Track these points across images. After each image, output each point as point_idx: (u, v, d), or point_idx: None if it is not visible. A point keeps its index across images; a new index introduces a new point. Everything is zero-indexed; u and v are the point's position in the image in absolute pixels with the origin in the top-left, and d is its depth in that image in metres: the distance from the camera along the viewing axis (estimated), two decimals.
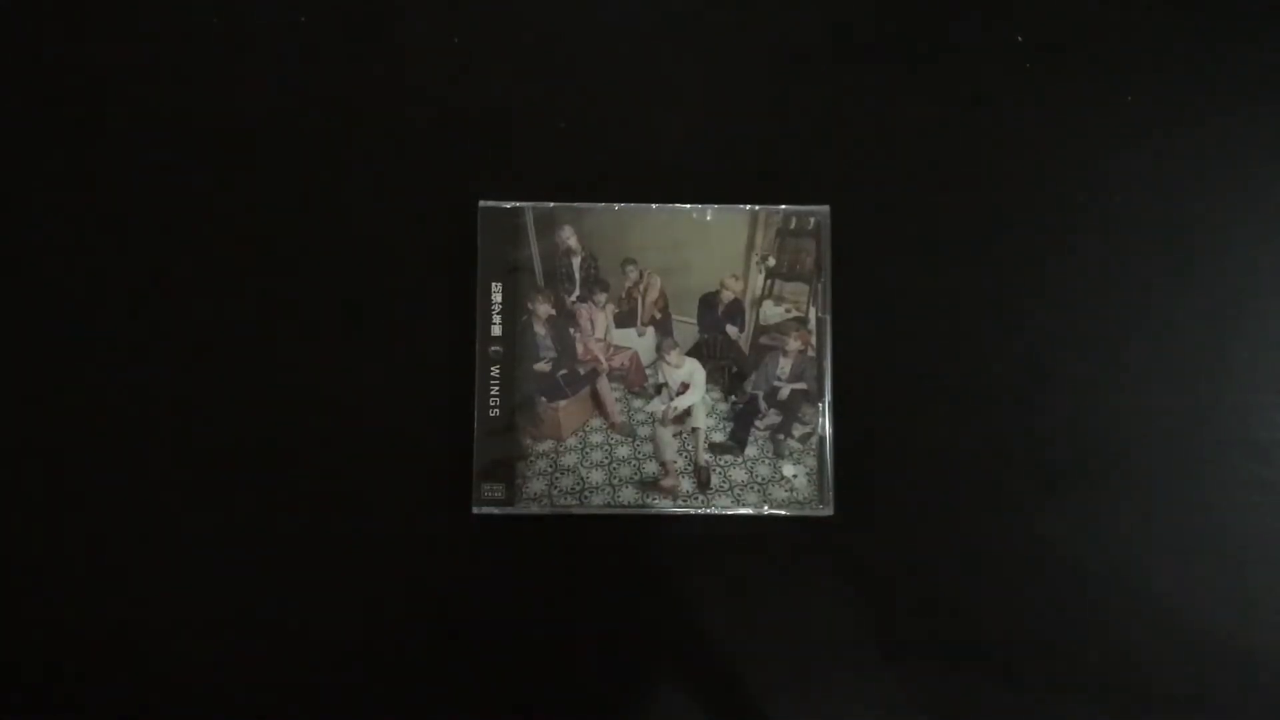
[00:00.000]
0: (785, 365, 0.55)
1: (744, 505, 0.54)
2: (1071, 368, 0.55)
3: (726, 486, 0.54)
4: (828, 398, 0.54)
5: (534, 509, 0.54)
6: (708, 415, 0.54)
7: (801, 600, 0.55)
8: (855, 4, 0.57)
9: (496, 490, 0.53)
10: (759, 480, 0.54)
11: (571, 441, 0.54)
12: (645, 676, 0.55)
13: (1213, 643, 0.54)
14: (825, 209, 0.55)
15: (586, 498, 0.54)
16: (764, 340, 0.55)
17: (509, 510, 0.54)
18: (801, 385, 0.55)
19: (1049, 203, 0.56)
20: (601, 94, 0.57)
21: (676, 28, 0.57)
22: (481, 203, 0.55)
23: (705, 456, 0.54)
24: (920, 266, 0.56)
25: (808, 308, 0.55)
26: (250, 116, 0.56)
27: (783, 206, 0.55)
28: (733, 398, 0.55)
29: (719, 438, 0.54)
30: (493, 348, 0.54)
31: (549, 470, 0.54)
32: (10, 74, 0.56)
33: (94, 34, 0.56)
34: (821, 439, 0.54)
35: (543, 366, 0.54)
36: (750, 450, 0.54)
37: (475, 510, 0.53)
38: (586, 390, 0.55)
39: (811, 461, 0.54)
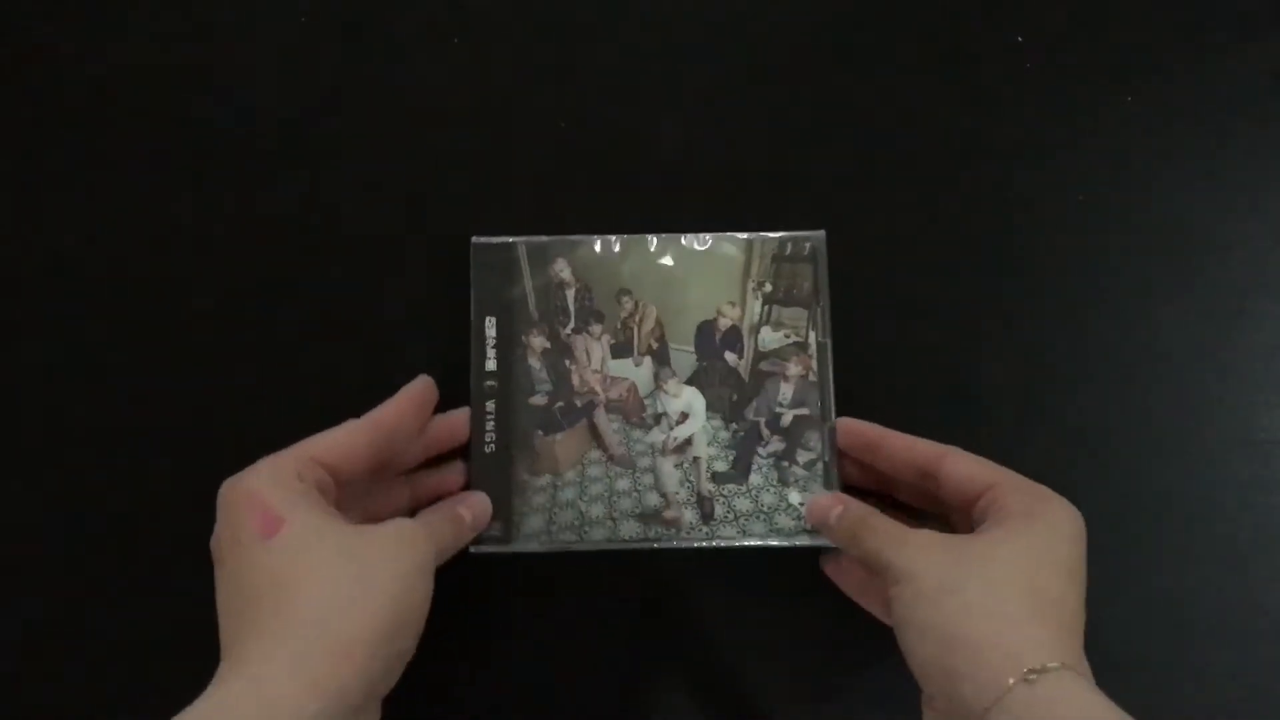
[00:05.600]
0: (786, 391, 0.54)
1: (750, 535, 0.52)
2: (1072, 374, 0.54)
3: (731, 517, 0.52)
4: (832, 422, 0.53)
5: (533, 546, 0.52)
6: (709, 444, 0.53)
7: (812, 632, 0.52)
8: (852, 10, 0.57)
9: (494, 528, 0.52)
10: (764, 509, 0.52)
11: (570, 475, 0.53)
12: (655, 710, 0.53)
13: (1214, 643, 0.52)
14: (821, 234, 0.55)
15: (586, 532, 0.52)
16: (764, 366, 0.54)
17: (507, 549, 0.52)
18: (804, 410, 0.53)
19: (1048, 206, 0.55)
20: (591, 125, 0.57)
21: (665, 49, 0.58)
22: (474, 239, 0.55)
23: (708, 486, 0.53)
24: (919, 279, 0.55)
25: (807, 332, 0.54)
26: (228, 140, 0.56)
27: (778, 234, 0.55)
28: (734, 425, 0.53)
29: (721, 467, 0.53)
30: (487, 382, 0.53)
31: (547, 506, 0.52)
32: (7, 73, 0.56)
33: (83, 33, 0.57)
34: (826, 465, 0.52)
35: (538, 400, 0.53)
36: (754, 479, 0.53)
37: (472, 550, 0.51)
38: (584, 423, 0.53)
39: (817, 488, 0.52)
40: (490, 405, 0.53)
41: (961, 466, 0.47)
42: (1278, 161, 0.55)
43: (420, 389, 0.50)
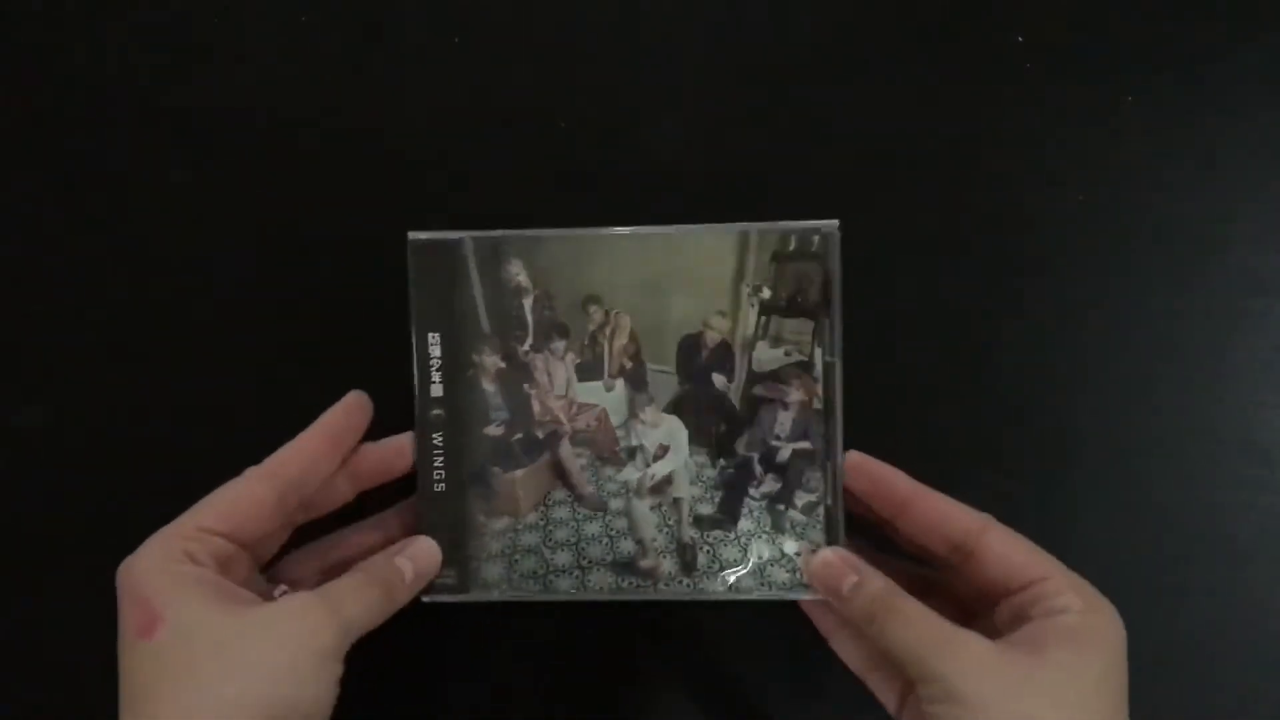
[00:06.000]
0: (785, 421, 0.45)
1: (738, 590, 0.45)
2: (1073, 374, 0.52)
3: (716, 568, 0.46)
4: (838, 459, 0.45)
5: (492, 595, 0.46)
6: (692, 483, 0.46)
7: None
8: (851, 10, 0.53)
9: (447, 577, 0.46)
10: (756, 560, 0.45)
11: (532, 518, 0.46)
12: (653, 708, 0.51)
13: (1215, 644, 0.51)
14: (834, 224, 0.44)
15: (551, 582, 0.46)
16: (758, 391, 0.45)
17: (462, 598, 0.46)
18: (805, 445, 0.45)
19: (1048, 206, 0.52)
20: (592, 125, 0.52)
21: (665, 49, 0.51)
22: (411, 234, 0.45)
23: (690, 533, 0.46)
24: (915, 282, 0.52)
25: (812, 349, 0.45)
26: (227, 140, 0.53)
27: (780, 224, 0.45)
28: (721, 461, 0.45)
29: (706, 510, 0.45)
30: (434, 411, 0.46)
31: (507, 552, 0.46)
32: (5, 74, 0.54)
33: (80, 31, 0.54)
34: (829, 509, 0.45)
35: (494, 430, 0.46)
36: (744, 524, 0.45)
37: (425, 599, 0.46)
38: (546, 457, 0.46)
39: (818, 536, 0.45)
40: (438, 437, 0.46)
41: (1007, 549, 0.41)
42: (1277, 161, 0.53)
43: (336, 417, 0.44)
